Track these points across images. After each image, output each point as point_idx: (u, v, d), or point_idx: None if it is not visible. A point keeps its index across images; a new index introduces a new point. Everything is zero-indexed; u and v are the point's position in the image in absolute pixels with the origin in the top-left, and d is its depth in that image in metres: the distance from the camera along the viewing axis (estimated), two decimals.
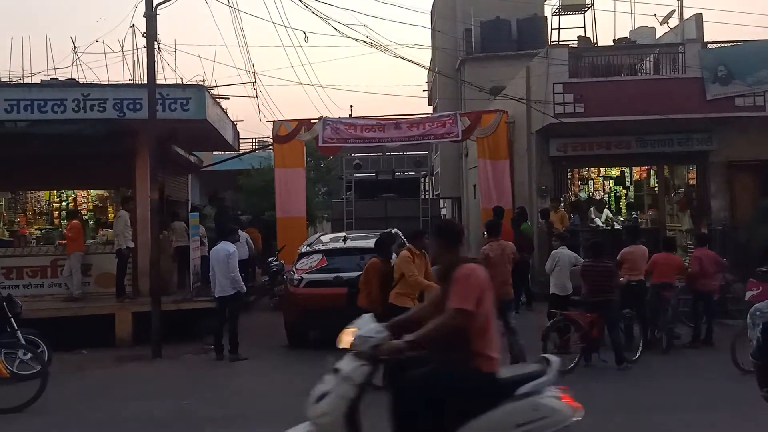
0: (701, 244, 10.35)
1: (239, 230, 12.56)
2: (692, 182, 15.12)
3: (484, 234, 9.75)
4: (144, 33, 10.97)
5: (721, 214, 14.09)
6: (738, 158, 14.03)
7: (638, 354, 8.88)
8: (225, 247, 10.11)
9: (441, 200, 28.09)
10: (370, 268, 8.32)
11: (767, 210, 12.97)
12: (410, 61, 37.86)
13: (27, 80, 13.97)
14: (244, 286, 10.08)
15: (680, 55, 13.84)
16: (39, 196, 14.56)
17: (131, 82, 13.73)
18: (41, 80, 13.88)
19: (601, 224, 15.10)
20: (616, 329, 8.63)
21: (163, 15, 11.65)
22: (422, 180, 21.68)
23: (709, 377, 7.88)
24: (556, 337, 8.77)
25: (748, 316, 2.87)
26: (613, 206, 16.26)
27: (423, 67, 22.55)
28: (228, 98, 16.21)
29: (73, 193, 14.54)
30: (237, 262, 10.04)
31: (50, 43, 20.43)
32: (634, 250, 9.50)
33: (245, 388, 8.54)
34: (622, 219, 15.47)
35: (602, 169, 16.24)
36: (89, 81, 13.52)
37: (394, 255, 8.70)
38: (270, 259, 15.08)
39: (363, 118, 16.13)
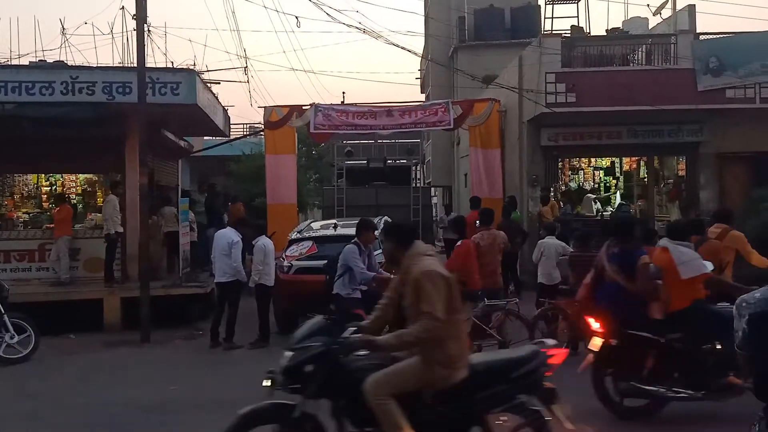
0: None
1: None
2: (682, 173, 15.20)
3: (476, 223, 9.75)
4: (134, 15, 10.86)
5: (710, 206, 14.17)
6: (728, 150, 14.10)
7: None
8: (229, 234, 9.99)
9: (432, 188, 28.13)
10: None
11: (757, 202, 13.06)
12: (403, 48, 37.62)
13: (15, 62, 13.84)
14: (245, 276, 10.02)
15: (672, 45, 13.86)
16: (27, 179, 14.45)
17: (121, 65, 13.61)
18: (29, 62, 13.76)
19: (603, 210, 15.22)
20: None
21: None
22: (414, 168, 21.70)
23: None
24: (543, 325, 8.82)
25: (735, 307, 2.89)
26: (602, 196, 16.38)
27: (416, 54, 22.53)
28: (219, 83, 16.15)
29: (61, 176, 14.43)
30: (240, 251, 9.97)
31: (38, 24, 20.18)
32: None
33: (234, 374, 8.54)
34: (611, 209, 15.57)
35: (593, 159, 16.31)
36: (78, 63, 13.39)
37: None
38: None
39: (355, 105, 16.07)
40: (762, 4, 17.05)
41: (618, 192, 16.48)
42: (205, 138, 21.42)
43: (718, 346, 5.81)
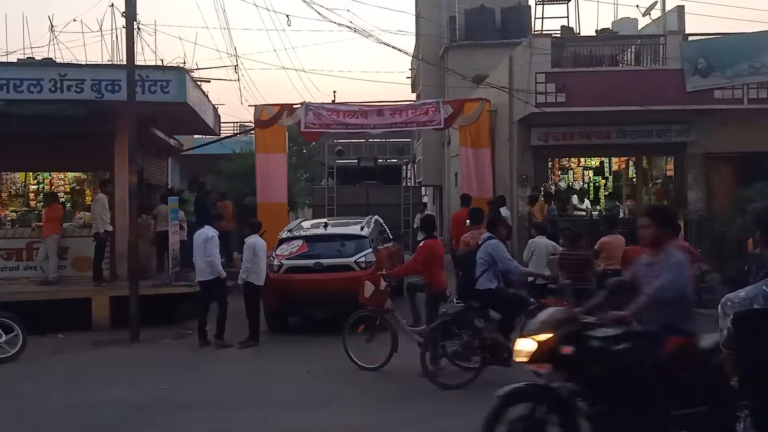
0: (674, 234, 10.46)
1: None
2: (670, 173, 15.31)
3: (466, 222, 9.79)
4: (123, 12, 10.78)
5: (698, 206, 14.30)
6: (716, 150, 14.22)
7: None
8: (205, 231, 9.99)
9: (423, 188, 28.16)
10: None
11: (745, 201, 13.18)
12: (394, 47, 37.62)
13: (2, 59, 13.72)
14: (222, 272, 9.98)
15: (661, 46, 13.96)
16: (14, 177, 14.33)
17: (110, 63, 13.52)
18: (17, 59, 13.64)
19: (585, 211, 15.26)
20: None
21: None
22: (404, 167, 21.70)
23: None
24: None
25: (719, 306, 2.93)
26: (591, 196, 16.44)
27: (407, 53, 22.56)
28: (209, 81, 16.07)
29: (50, 175, 14.32)
30: (216, 246, 9.94)
31: (27, 21, 19.98)
32: (612, 240, 9.60)
33: (223, 373, 8.53)
34: (600, 209, 15.65)
35: (582, 159, 16.39)
36: (67, 61, 13.29)
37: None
38: None
39: (346, 104, 16.06)
40: (750, 5, 17.23)
41: (607, 192, 16.54)
42: (195, 136, 21.32)
43: None
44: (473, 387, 7.38)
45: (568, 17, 19.72)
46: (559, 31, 16.97)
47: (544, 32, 16.68)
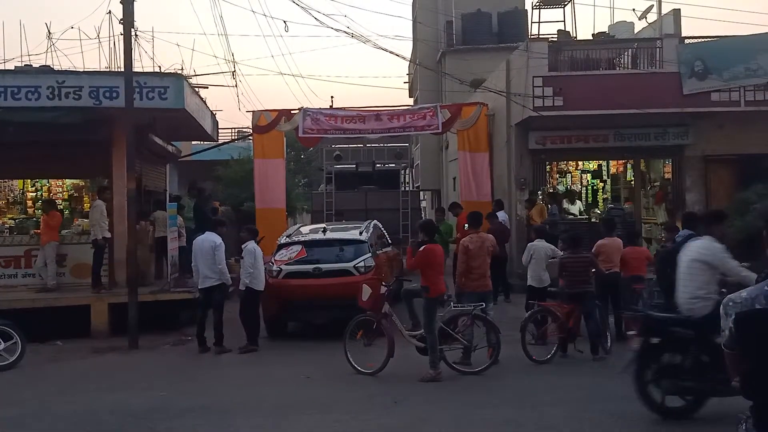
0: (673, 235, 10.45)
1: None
2: (668, 176, 15.33)
3: (465, 226, 9.78)
4: (121, 19, 10.80)
5: (696, 208, 14.30)
6: (713, 152, 14.25)
7: (609, 344, 8.99)
8: (210, 238, 9.95)
9: (421, 192, 28.17)
10: None
11: (744, 203, 13.19)
12: (391, 52, 37.68)
13: (0, 66, 13.71)
14: (229, 278, 9.99)
15: (658, 49, 14.00)
16: (12, 184, 14.30)
17: (108, 69, 13.52)
18: (15, 67, 13.61)
19: (577, 214, 15.27)
20: (593, 320, 8.73)
21: (140, 1, 11.51)
22: (402, 172, 21.72)
23: None
24: (533, 328, 8.86)
25: (722, 306, 2.93)
26: (590, 199, 16.46)
27: (404, 58, 22.62)
28: (207, 87, 16.08)
29: (48, 182, 14.30)
30: (223, 253, 9.94)
31: (24, 28, 19.97)
32: (609, 243, 9.62)
33: (223, 379, 8.51)
34: (599, 211, 15.66)
35: (580, 163, 16.41)
36: (64, 68, 13.30)
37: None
38: None
39: (343, 109, 16.07)
40: (746, 9, 17.33)
41: (606, 195, 16.55)
42: (194, 142, 21.33)
43: None
44: (472, 389, 7.38)
45: (564, 21, 19.82)
46: (556, 35, 17.04)
47: (540, 36, 16.77)
